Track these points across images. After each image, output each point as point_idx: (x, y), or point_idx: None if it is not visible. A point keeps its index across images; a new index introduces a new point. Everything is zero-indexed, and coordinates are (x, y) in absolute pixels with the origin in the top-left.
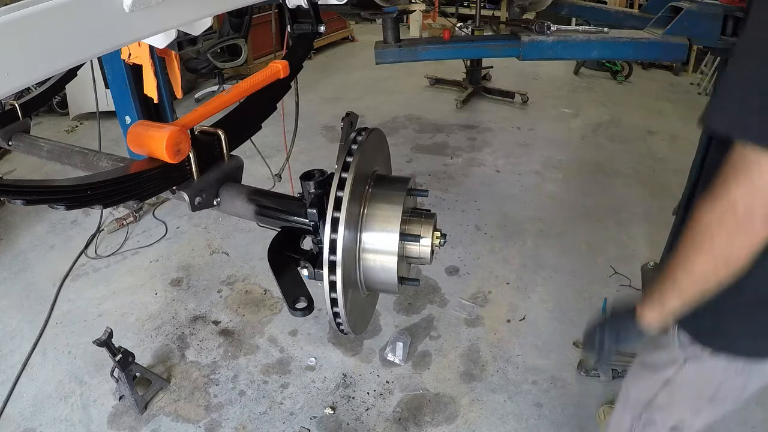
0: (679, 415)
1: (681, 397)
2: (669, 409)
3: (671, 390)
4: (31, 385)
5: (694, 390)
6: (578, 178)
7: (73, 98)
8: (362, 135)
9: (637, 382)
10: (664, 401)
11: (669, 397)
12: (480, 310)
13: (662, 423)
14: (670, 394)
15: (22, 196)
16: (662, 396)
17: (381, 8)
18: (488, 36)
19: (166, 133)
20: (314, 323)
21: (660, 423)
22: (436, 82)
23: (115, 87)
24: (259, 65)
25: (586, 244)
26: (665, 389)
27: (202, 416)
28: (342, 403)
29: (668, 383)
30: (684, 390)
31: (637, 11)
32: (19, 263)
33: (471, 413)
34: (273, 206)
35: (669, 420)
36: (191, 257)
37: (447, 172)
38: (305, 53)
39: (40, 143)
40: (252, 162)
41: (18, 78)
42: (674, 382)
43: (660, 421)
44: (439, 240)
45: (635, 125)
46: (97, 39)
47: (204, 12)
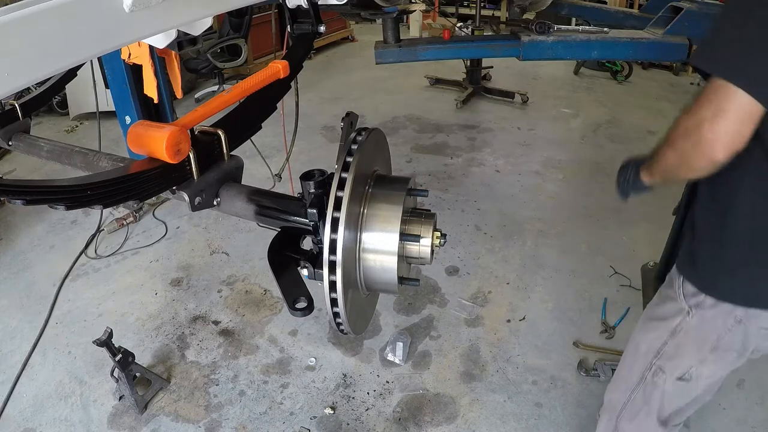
0: (686, 364)
1: (687, 346)
2: (677, 358)
3: (678, 339)
4: (31, 385)
5: (698, 339)
6: (578, 178)
7: (73, 98)
8: (362, 135)
9: (647, 334)
10: (672, 351)
11: (676, 347)
12: (480, 310)
13: (670, 372)
14: (677, 344)
15: (22, 196)
16: (670, 345)
17: (381, 8)
18: (488, 36)
19: (166, 133)
20: (314, 323)
21: (669, 372)
22: (436, 82)
23: (115, 87)
24: (259, 65)
25: (586, 244)
26: (673, 339)
27: (202, 416)
28: (342, 403)
29: (675, 333)
30: (689, 339)
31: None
32: (19, 263)
33: (471, 413)
34: (273, 206)
35: (677, 369)
36: (191, 257)
37: (447, 172)
38: (305, 53)
39: (40, 143)
40: (252, 162)
41: (18, 78)
42: (680, 331)
43: (669, 369)
44: (439, 240)
45: (635, 125)
46: (97, 39)
47: (204, 12)
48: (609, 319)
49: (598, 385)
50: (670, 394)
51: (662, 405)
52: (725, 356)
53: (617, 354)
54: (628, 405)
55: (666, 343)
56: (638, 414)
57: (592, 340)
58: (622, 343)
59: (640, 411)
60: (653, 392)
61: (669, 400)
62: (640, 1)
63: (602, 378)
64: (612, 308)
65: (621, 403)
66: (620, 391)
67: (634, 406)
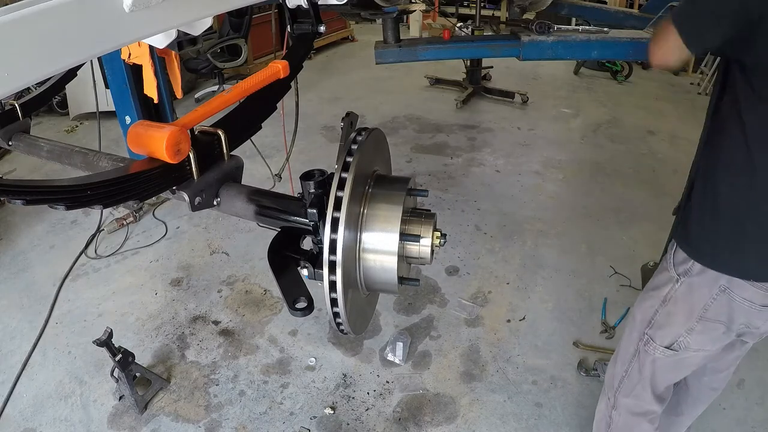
0: (675, 333)
1: (676, 314)
2: (666, 327)
3: (668, 308)
4: (31, 385)
5: (686, 307)
6: (578, 178)
7: (73, 98)
8: (362, 135)
9: (642, 305)
10: (662, 319)
11: (666, 315)
12: (480, 310)
13: (660, 340)
14: (667, 312)
15: (22, 196)
16: (661, 314)
17: (381, 8)
18: (488, 36)
19: (166, 133)
20: (314, 323)
21: (658, 340)
22: (436, 82)
23: (115, 87)
24: (259, 65)
25: (586, 244)
26: (663, 307)
27: (202, 416)
28: (342, 403)
29: (665, 301)
30: (678, 307)
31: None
32: (19, 263)
33: (471, 413)
34: (273, 206)
35: (666, 338)
36: (191, 257)
37: (447, 172)
38: (305, 53)
39: (40, 143)
40: (252, 162)
41: (18, 78)
42: (670, 299)
43: (658, 338)
44: (439, 240)
45: (635, 125)
46: (97, 39)
47: (204, 12)
48: (609, 319)
49: (598, 385)
50: (661, 363)
51: (654, 375)
52: (712, 328)
53: None
54: (625, 379)
55: (657, 311)
56: (635, 387)
57: (592, 340)
58: None
59: (637, 384)
60: (645, 362)
61: (660, 371)
62: (640, 1)
63: (602, 378)
64: (612, 308)
65: (619, 378)
66: (618, 366)
67: (630, 379)
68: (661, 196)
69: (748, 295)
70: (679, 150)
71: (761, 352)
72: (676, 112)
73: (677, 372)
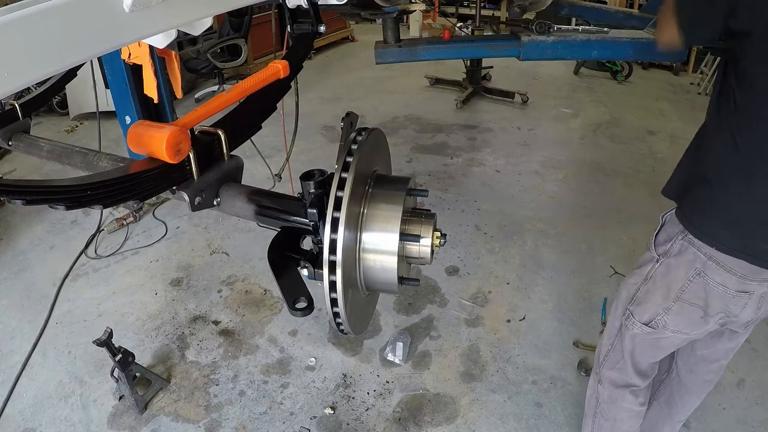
0: (653, 311)
1: (654, 292)
2: (645, 303)
3: (648, 285)
4: (31, 385)
5: (663, 286)
6: (578, 178)
7: (73, 98)
8: (362, 135)
9: (627, 281)
10: (642, 296)
11: (646, 293)
12: (480, 310)
13: (639, 316)
14: (647, 290)
15: (22, 196)
16: (641, 291)
17: (381, 8)
18: (488, 36)
19: (166, 133)
20: (314, 323)
21: (637, 316)
22: (436, 82)
23: (115, 87)
24: (259, 65)
25: (586, 244)
26: (644, 285)
27: (202, 416)
28: (342, 403)
29: (646, 279)
30: (656, 285)
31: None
32: (19, 263)
33: (471, 413)
34: (273, 206)
35: (644, 314)
36: (191, 257)
37: (447, 172)
38: (305, 53)
39: (40, 143)
40: (252, 162)
41: (18, 78)
42: (650, 278)
43: (638, 314)
44: (439, 240)
45: (635, 125)
46: (97, 39)
47: (204, 12)
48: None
49: None
50: (640, 340)
51: (634, 351)
52: (690, 310)
53: None
54: (610, 353)
55: (639, 288)
56: (618, 361)
57: (592, 340)
58: None
59: (620, 359)
60: (626, 336)
61: (640, 347)
62: (640, 1)
63: None
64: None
65: (605, 352)
66: (605, 340)
67: (615, 353)
68: (661, 196)
69: (722, 280)
70: (679, 150)
71: (761, 352)
72: (676, 112)
73: (656, 350)
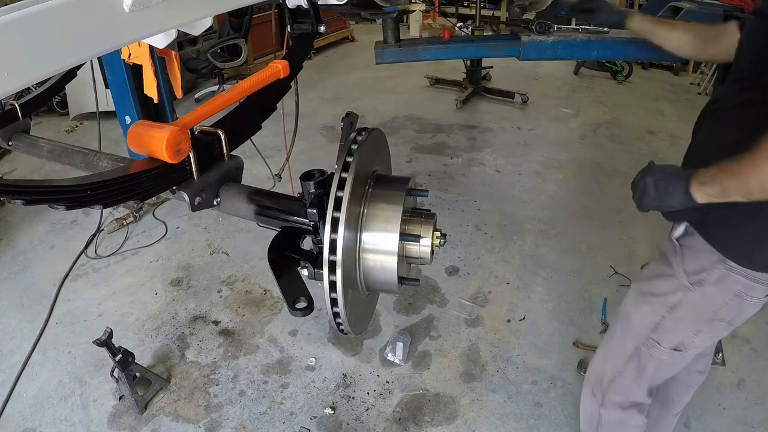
0: (682, 336)
1: (685, 320)
2: (674, 332)
3: (677, 314)
4: (31, 385)
5: (696, 313)
6: (578, 178)
7: (73, 98)
8: (362, 135)
9: (640, 309)
10: (671, 325)
11: (674, 321)
12: (480, 310)
13: (667, 344)
14: (676, 318)
15: (22, 196)
16: (669, 320)
17: (381, 8)
18: (488, 36)
19: (166, 133)
20: (314, 323)
21: (665, 344)
22: (436, 82)
23: (115, 87)
24: (259, 65)
25: (586, 244)
26: (671, 314)
27: (202, 416)
28: (342, 403)
29: (674, 308)
30: (688, 313)
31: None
32: (19, 263)
33: (471, 413)
34: (273, 206)
35: (673, 341)
36: (191, 257)
37: (447, 172)
38: (305, 53)
39: (40, 143)
40: (252, 162)
41: (18, 78)
42: (679, 306)
43: (665, 342)
44: (439, 240)
45: (635, 125)
46: (97, 39)
47: (204, 12)
48: (609, 319)
49: None
50: (665, 363)
51: (655, 375)
52: (718, 326)
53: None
54: (617, 378)
55: (664, 317)
56: (629, 386)
57: (592, 340)
58: None
59: (632, 383)
60: (648, 363)
61: (661, 369)
62: (640, 1)
63: None
64: (612, 308)
65: (609, 377)
66: (609, 365)
67: (624, 378)
68: None
69: (758, 294)
70: (679, 150)
71: (761, 352)
72: (676, 112)
73: (676, 367)
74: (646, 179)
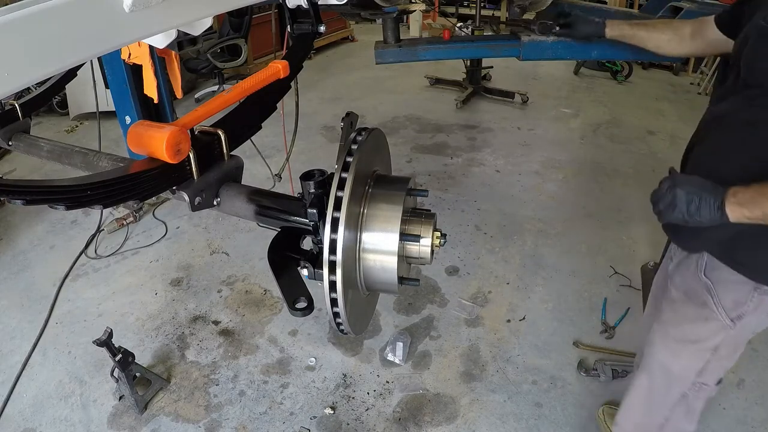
0: (725, 368)
1: (728, 355)
2: (719, 368)
3: (720, 353)
4: (31, 385)
5: (738, 343)
6: (578, 178)
7: (73, 98)
8: (362, 135)
9: (680, 357)
10: (715, 365)
11: (719, 360)
12: (480, 310)
13: (713, 381)
14: (720, 357)
15: (22, 196)
16: (713, 362)
17: (381, 8)
18: (488, 36)
19: (166, 133)
20: (314, 323)
21: (711, 382)
22: (436, 82)
23: (115, 87)
24: (259, 65)
25: (586, 244)
26: (716, 355)
27: (202, 416)
28: (342, 403)
29: (717, 349)
30: (731, 348)
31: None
32: (19, 263)
33: (471, 413)
34: (273, 206)
35: (717, 377)
36: (191, 257)
37: (447, 172)
38: (305, 53)
39: (40, 143)
40: (252, 162)
41: (18, 78)
42: (723, 345)
43: (712, 380)
44: (439, 240)
45: (635, 125)
46: (97, 39)
47: (204, 12)
48: (609, 319)
49: (598, 385)
50: (711, 395)
51: (703, 408)
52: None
53: (617, 354)
54: (667, 424)
55: (709, 361)
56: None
57: (592, 340)
58: (622, 343)
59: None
60: (697, 403)
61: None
62: (640, 1)
63: (602, 378)
64: (612, 308)
65: (658, 425)
66: (655, 415)
67: (674, 421)
68: None
69: None
70: (679, 150)
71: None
72: (676, 112)
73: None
74: (675, 190)
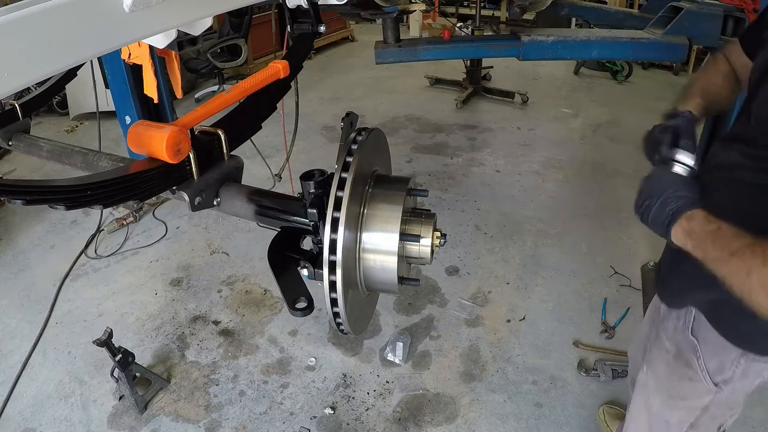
0: (721, 420)
1: (722, 413)
2: (712, 422)
3: (711, 412)
4: (31, 385)
5: (731, 403)
6: (578, 178)
7: (73, 98)
8: (362, 135)
9: (674, 411)
10: (708, 421)
11: (711, 417)
12: (480, 310)
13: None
14: (712, 415)
15: (22, 196)
16: (704, 418)
17: (381, 8)
18: (488, 36)
19: (166, 133)
20: (314, 323)
21: None
22: (436, 82)
23: (115, 87)
24: (259, 65)
25: (586, 244)
26: (706, 413)
27: (202, 416)
28: (342, 403)
29: (707, 408)
30: (723, 408)
31: (637, 11)
32: (19, 263)
33: (471, 413)
34: (273, 206)
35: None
36: (191, 257)
37: (447, 172)
38: (305, 53)
39: (40, 143)
40: (252, 162)
41: (18, 78)
42: (712, 405)
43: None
44: (439, 240)
45: (635, 125)
46: (97, 39)
47: (204, 12)
48: (609, 319)
49: (598, 385)
50: None
51: None
52: None
53: (617, 354)
54: None
55: (699, 417)
56: None
57: (592, 340)
58: (622, 343)
59: None
60: None
61: None
62: (640, 1)
63: (602, 378)
64: (612, 308)
65: None
66: None
67: None
68: None
69: None
70: None
71: None
72: None
73: None
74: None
